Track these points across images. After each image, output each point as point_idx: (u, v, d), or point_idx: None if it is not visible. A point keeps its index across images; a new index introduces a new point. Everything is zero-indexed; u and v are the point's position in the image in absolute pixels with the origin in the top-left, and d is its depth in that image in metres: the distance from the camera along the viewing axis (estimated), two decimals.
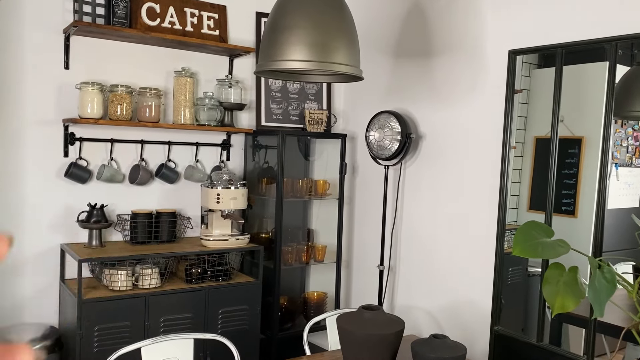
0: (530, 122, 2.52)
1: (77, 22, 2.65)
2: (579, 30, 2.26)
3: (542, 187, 2.43)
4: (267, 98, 3.36)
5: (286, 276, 3.45)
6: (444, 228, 2.88)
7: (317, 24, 1.69)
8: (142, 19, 2.93)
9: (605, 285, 1.67)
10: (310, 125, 3.35)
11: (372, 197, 3.35)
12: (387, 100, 3.24)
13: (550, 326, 2.38)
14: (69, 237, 2.88)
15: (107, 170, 2.88)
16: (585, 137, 2.32)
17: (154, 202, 3.11)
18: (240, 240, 3.02)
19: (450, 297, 2.84)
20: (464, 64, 2.77)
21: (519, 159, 2.53)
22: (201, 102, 3.08)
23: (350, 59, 1.75)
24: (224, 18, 3.21)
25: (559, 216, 2.34)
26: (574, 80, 2.31)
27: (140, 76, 3.02)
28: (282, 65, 1.69)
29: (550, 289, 1.85)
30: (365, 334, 1.75)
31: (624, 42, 2.11)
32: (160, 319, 2.69)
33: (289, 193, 3.25)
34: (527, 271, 2.60)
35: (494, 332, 2.53)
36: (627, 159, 2.22)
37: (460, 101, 2.80)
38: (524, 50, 2.45)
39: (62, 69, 2.81)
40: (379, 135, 3.03)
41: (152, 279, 2.71)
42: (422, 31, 3.00)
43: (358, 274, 3.48)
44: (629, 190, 2.23)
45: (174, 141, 3.13)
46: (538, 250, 1.85)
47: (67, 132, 2.83)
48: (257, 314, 2.98)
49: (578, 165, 2.34)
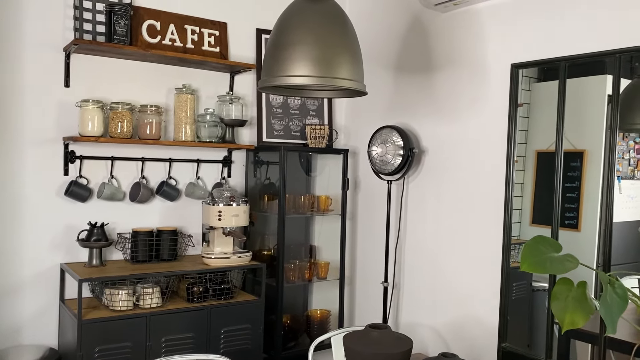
0: (531, 136, 2.52)
1: (77, 40, 2.64)
2: (580, 44, 2.26)
3: (544, 200, 2.41)
4: (268, 114, 3.35)
5: (289, 294, 3.41)
6: (448, 243, 2.85)
7: (320, 39, 1.68)
8: (143, 36, 2.93)
9: (617, 301, 1.64)
10: (312, 140, 3.34)
11: (375, 212, 3.33)
12: (389, 115, 3.23)
13: (557, 342, 2.34)
14: (69, 256, 2.84)
15: (108, 188, 2.86)
16: (587, 150, 2.32)
17: (155, 220, 3.08)
18: (242, 257, 2.98)
19: (455, 313, 2.80)
20: (465, 78, 2.77)
21: (520, 172, 2.53)
22: (202, 118, 3.07)
23: (354, 74, 1.74)
24: (225, 35, 3.21)
25: (562, 230, 2.33)
26: (574, 94, 2.32)
27: (141, 93, 3.01)
28: (286, 80, 1.68)
29: (559, 305, 1.81)
30: (373, 353, 1.71)
31: (626, 55, 2.11)
32: (162, 339, 2.64)
33: (290, 209, 3.23)
34: (531, 286, 2.57)
35: (501, 349, 2.49)
36: (629, 171, 2.22)
37: (462, 115, 2.79)
38: (527, 64, 2.45)
39: (62, 87, 2.80)
40: (381, 150, 3.02)
41: (154, 298, 2.67)
42: (424, 46, 3.00)
43: (362, 290, 3.44)
44: (632, 203, 2.22)
45: (174, 158, 3.11)
46: (547, 265, 1.82)
47: (68, 150, 2.81)
48: (260, 333, 2.94)
49: (580, 178, 2.33)
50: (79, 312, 2.46)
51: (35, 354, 2.57)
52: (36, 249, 2.77)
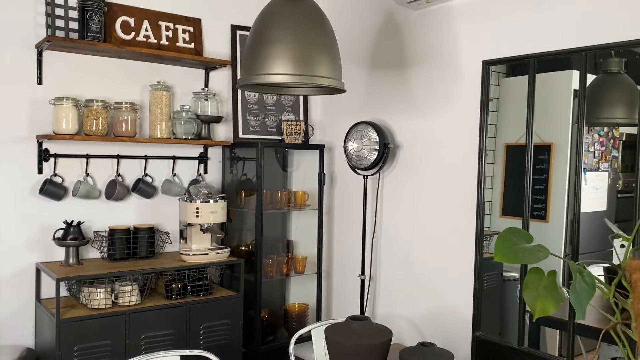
0: (500, 130, 2.58)
1: (50, 37, 2.61)
2: (549, 42, 2.34)
3: (514, 193, 2.48)
4: (244, 110, 3.36)
5: (267, 289, 3.43)
6: (423, 236, 2.91)
7: (299, 37, 1.71)
8: (117, 33, 2.90)
9: (586, 289, 1.72)
10: (288, 136, 3.36)
11: (352, 206, 3.37)
12: (364, 110, 3.28)
13: (529, 329, 2.43)
14: (44, 255, 2.81)
15: (83, 186, 2.83)
16: (554, 143, 2.38)
17: (132, 218, 3.06)
18: (221, 254, 2.99)
19: (431, 304, 2.87)
20: (438, 75, 2.83)
21: (490, 165, 2.58)
22: (178, 115, 3.06)
23: (333, 72, 1.77)
24: (199, 31, 3.20)
25: (532, 221, 2.39)
26: (542, 89, 2.37)
27: (115, 90, 2.98)
28: (266, 79, 1.70)
29: (530, 293, 1.88)
30: (355, 344, 1.76)
31: (591, 53, 2.19)
32: (142, 337, 2.64)
33: (268, 205, 3.25)
34: (502, 276, 2.64)
35: (475, 337, 2.57)
36: (594, 163, 2.29)
37: (435, 111, 2.85)
38: (498, 61, 2.52)
39: (35, 85, 2.75)
40: (357, 145, 3.06)
41: (132, 295, 2.67)
42: (398, 43, 3.05)
43: (339, 284, 3.49)
44: (597, 194, 2.29)
45: (150, 155, 3.10)
46: (519, 255, 1.89)
47: (41, 148, 2.77)
48: (239, 328, 2.96)
49: (548, 170, 2.39)
50: (57, 312, 2.44)
51: (13, 354, 2.54)
52: (11, 248, 2.73)
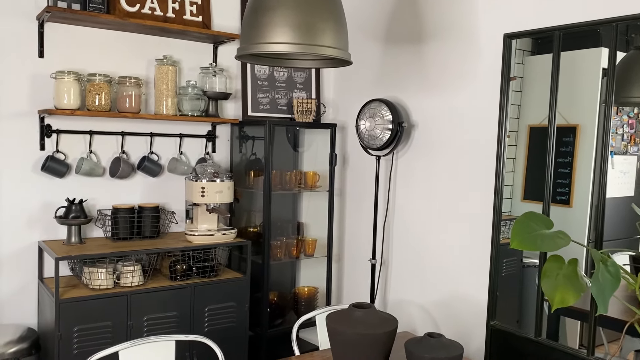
0: (524, 111, 2.46)
1: (50, 8, 2.51)
2: (576, 13, 2.17)
3: (536, 176, 2.36)
4: (253, 87, 3.24)
5: (275, 271, 3.35)
6: (438, 220, 2.79)
7: (301, 3, 1.57)
8: (121, 4, 2.80)
9: (610, 280, 1.59)
10: (299, 115, 3.24)
11: (364, 188, 3.25)
12: (377, 88, 3.13)
13: (547, 319, 2.31)
14: (47, 234, 2.76)
15: (86, 163, 2.76)
16: (580, 125, 2.27)
17: (136, 197, 2.99)
18: (227, 235, 2.91)
19: (444, 291, 2.75)
20: (456, 49, 2.67)
21: (512, 148, 2.47)
22: (184, 91, 2.96)
23: (338, 42, 1.64)
24: (207, 3, 3.08)
25: (554, 206, 2.28)
26: (568, 67, 2.25)
27: (119, 65, 2.89)
28: (265, 48, 1.58)
29: (549, 283, 1.76)
30: (357, 334, 1.65)
31: (622, 25, 2.03)
32: (144, 319, 2.58)
33: (277, 185, 3.15)
34: (522, 262, 2.54)
35: (490, 326, 2.45)
36: (622, 146, 2.17)
37: (453, 88, 2.70)
38: (520, 34, 2.36)
39: (36, 58, 2.68)
40: (369, 124, 2.93)
41: (135, 276, 2.60)
42: (413, 15, 2.89)
43: (349, 268, 3.39)
44: (624, 179, 2.18)
45: (156, 132, 3.01)
46: (537, 242, 1.77)
47: (43, 124, 2.70)
48: (245, 310, 2.88)
49: (573, 153, 2.29)
50: (57, 291, 2.38)
51: (13, 334, 2.50)
52: (12, 226, 2.68)
